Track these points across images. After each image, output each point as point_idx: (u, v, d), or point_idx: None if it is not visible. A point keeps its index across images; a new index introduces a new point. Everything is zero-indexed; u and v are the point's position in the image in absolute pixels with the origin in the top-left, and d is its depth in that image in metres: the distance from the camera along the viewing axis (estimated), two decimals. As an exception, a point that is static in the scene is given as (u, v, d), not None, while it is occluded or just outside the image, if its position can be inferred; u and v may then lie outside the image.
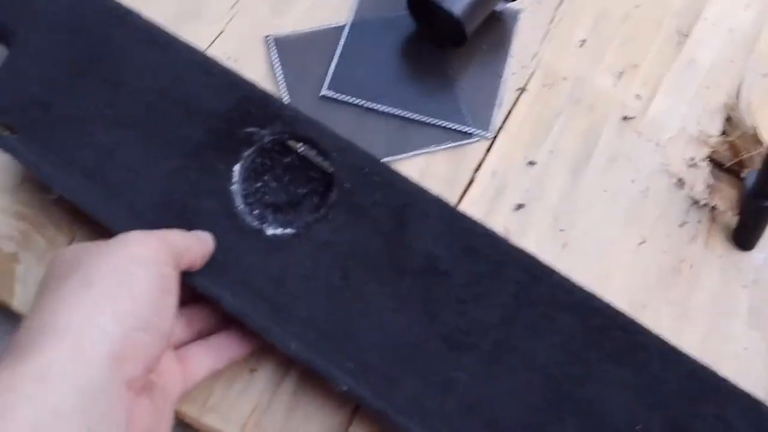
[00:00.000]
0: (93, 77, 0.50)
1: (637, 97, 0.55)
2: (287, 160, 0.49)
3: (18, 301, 0.47)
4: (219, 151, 0.48)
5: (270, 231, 0.47)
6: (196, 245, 0.43)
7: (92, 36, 0.51)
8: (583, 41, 0.57)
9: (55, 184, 0.46)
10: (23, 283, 0.47)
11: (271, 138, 0.48)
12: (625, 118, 0.54)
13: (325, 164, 0.49)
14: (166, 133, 0.49)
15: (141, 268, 0.37)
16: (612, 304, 0.45)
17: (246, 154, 0.48)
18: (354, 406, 0.45)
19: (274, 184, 0.49)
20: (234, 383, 0.45)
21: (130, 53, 0.50)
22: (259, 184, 0.49)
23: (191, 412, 0.44)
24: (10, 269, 0.48)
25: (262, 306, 0.44)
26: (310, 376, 0.45)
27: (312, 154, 0.49)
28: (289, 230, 0.47)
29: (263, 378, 0.46)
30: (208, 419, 0.44)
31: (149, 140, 0.49)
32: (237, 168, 0.48)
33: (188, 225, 0.45)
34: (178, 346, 0.43)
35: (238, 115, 0.48)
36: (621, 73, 0.56)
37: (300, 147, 0.49)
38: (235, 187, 0.47)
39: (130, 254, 0.37)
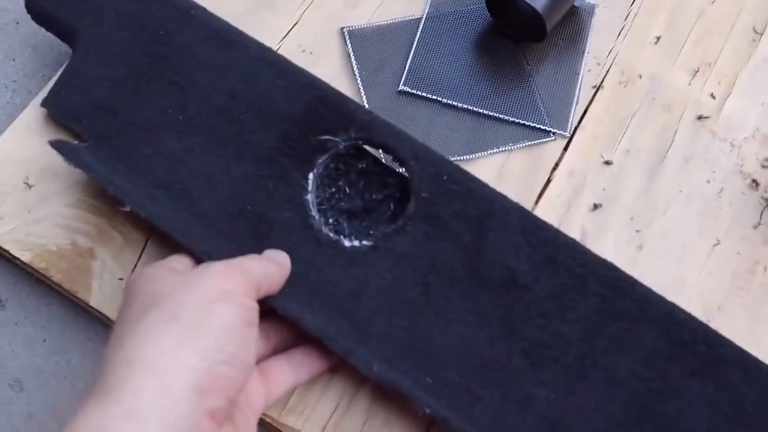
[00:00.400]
0: (159, 79, 0.49)
1: (712, 96, 0.55)
2: (362, 165, 0.48)
3: (95, 299, 0.47)
4: (292, 158, 0.47)
5: (347, 243, 0.46)
6: (274, 272, 0.43)
7: (157, 34, 0.49)
8: (658, 38, 0.56)
9: (127, 199, 0.45)
10: (99, 279, 0.47)
11: (346, 144, 0.47)
12: (699, 118, 0.54)
13: (402, 171, 0.47)
14: (237, 139, 0.47)
15: (224, 303, 0.37)
16: (695, 317, 0.44)
17: (320, 161, 0.47)
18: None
19: (348, 190, 0.48)
20: (314, 385, 0.46)
21: (196, 53, 0.49)
22: (333, 190, 0.48)
23: (271, 412, 0.45)
24: (87, 265, 0.48)
25: (341, 323, 0.44)
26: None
27: (388, 160, 0.48)
28: (366, 242, 0.46)
29: (343, 381, 0.46)
30: (289, 420, 0.45)
31: (221, 147, 0.47)
32: (311, 176, 0.47)
33: (263, 237, 0.45)
34: (258, 361, 0.43)
35: (311, 119, 0.47)
36: (695, 71, 0.56)
37: (376, 153, 0.48)
38: (310, 197, 0.46)
39: (212, 288, 0.37)
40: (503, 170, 0.52)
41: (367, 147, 0.48)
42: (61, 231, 0.48)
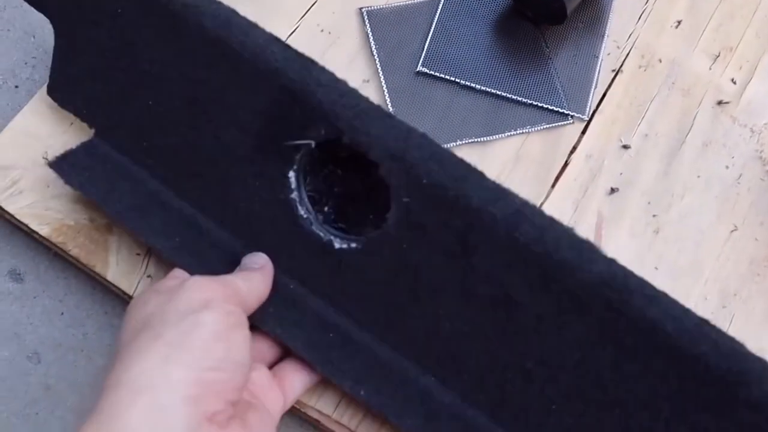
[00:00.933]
0: (133, 69, 0.46)
1: (732, 81, 0.54)
2: (343, 155, 0.44)
3: (112, 273, 0.48)
4: (270, 156, 0.43)
5: (337, 245, 0.43)
6: (257, 279, 0.42)
7: (123, 21, 0.46)
8: (679, 22, 0.56)
9: (120, 220, 0.45)
10: (116, 254, 0.48)
11: (318, 142, 0.42)
12: (719, 103, 0.54)
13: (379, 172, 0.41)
14: (214, 133, 0.44)
15: (205, 311, 0.37)
16: (720, 346, 0.37)
17: (298, 157, 0.43)
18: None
19: (336, 181, 0.46)
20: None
21: (158, 36, 0.45)
22: (320, 180, 0.45)
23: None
24: (104, 240, 0.48)
25: (333, 332, 0.43)
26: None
27: (364, 159, 0.41)
28: (354, 245, 0.43)
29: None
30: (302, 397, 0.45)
31: (201, 142, 0.45)
32: (292, 174, 0.43)
33: (257, 237, 0.44)
34: (272, 365, 0.44)
35: (279, 114, 0.42)
36: (716, 56, 0.55)
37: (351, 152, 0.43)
38: (295, 195, 0.43)
39: (193, 300, 0.38)
40: (520, 153, 0.51)
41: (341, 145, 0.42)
42: (78, 206, 0.49)
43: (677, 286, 0.47)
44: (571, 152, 0.52)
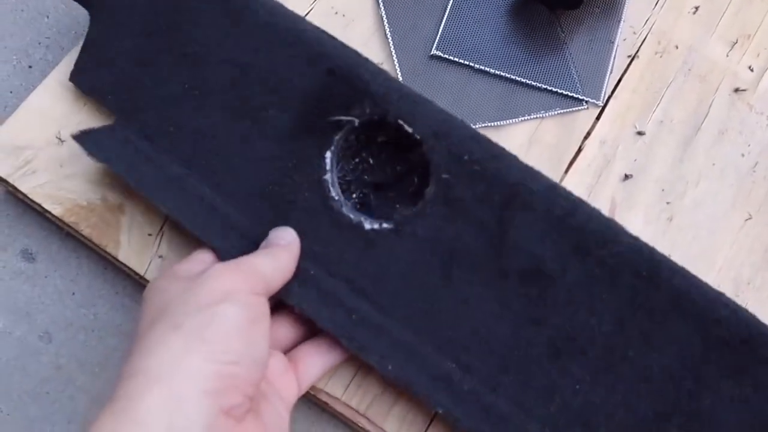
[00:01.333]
0: (174, 51, 0.46)
1: (750, 68, 0.54)
2: (380, 140, 0.46)
3: (123, 253, 0.48)
4: (308, 136, 0.44)
5: (368, 225, 0.43)
6: (283, 259, 0.42)
7: (165, 4, 0.47)
8: (696, 8, 0.55)
9: (147, 193, 0.45)
10: (128, 234, 0.48)
11: (361, 121, 0.44)
12: (736, 90, 0.53)
13: (421, 149, 0.44)
14: (253, 115, 0.45)
15: (227, 304, 0.36)
16: (738, 312, 0.41)
17: (337, 137, 0.44)
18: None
19: (372, 162, 0.46)
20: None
21: (205, 21, 0.46)
22: (356, 161, 0.46)
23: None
24: (116, 220, 0.48)
25: (363, 308, 0.43)
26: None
27: (406, 137, 0.44)
28: (386, 225, 0.43)
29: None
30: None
31: (237, 123, 0.45)
32: (329, 155, 0.44)
33: (285, 218, 0.44)
34: (287, 350, 0.43)
35: (324, 94, 0.44)
36: (734, 43, 0.54)
37: (393, 130, 0.45)
38: (329, 176, 0.44)
39: (214, 291, 0.37)
40: (534, 138, 0.51)
41: (383, 124, 0.45)
42: (91, 186, 0.49)
43: (690, 274, 0.47)
44: (585, 138, 0.51)
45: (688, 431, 0.41)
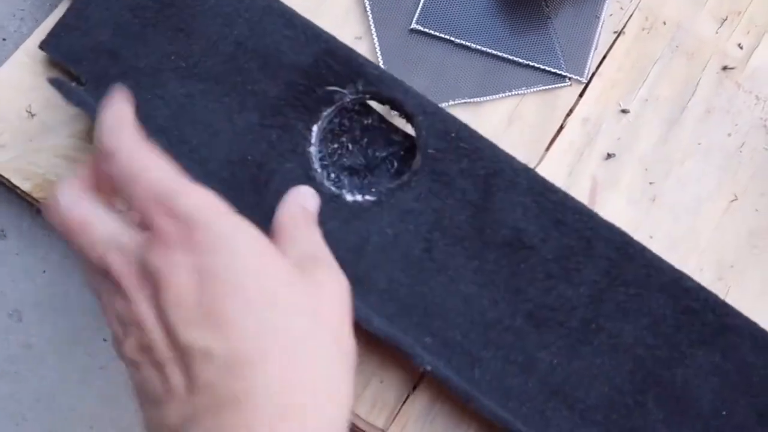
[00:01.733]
0: (165, 25, 0.48)
1: (739, 46, 0.52)
2: (368, 121, 0.47)
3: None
4: (297, 109, 0.46)
5: (350, 197, 0.45)
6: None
7: None
8: (686, -18, 0.54)
9: None
10: (99, 209, 0.47)
11: (353, 98, 0.46)
12: (725, 68, 0.52)
13: (408, 127, 0.46)
14: (242, 87, 0.47)
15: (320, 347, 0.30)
16: (704, 286, 0.44)
17: (325, 113, 0.46)
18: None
19: (351, 146, 0.47)
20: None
21: (201, 2, 0.48)
22: (335, 146, 0.47)
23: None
24: (88, 194, 0.47)
25: None
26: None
27: (395, 116, 0.47)
28: (369, 197, 0.45)
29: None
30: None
31: (224, 95, 0.47)
32: (315, 128, 0.46)
33: (263, 187, 0.45)
34: None
35: (318, 71, 0.46)
36: (723, 19, 0.53)
37: (382, 110, 0.47)
38: (313, 149, 0.46)
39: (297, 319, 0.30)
40: (515, 114, 0.50)
41: (372, 103, 0.47)
42: (61, 161, 0.48)
43: (672, 256, 0.45)
44: (568, 115, 0.50)
45: (664, 400, 0.42)
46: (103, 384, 0.47)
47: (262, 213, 0.44)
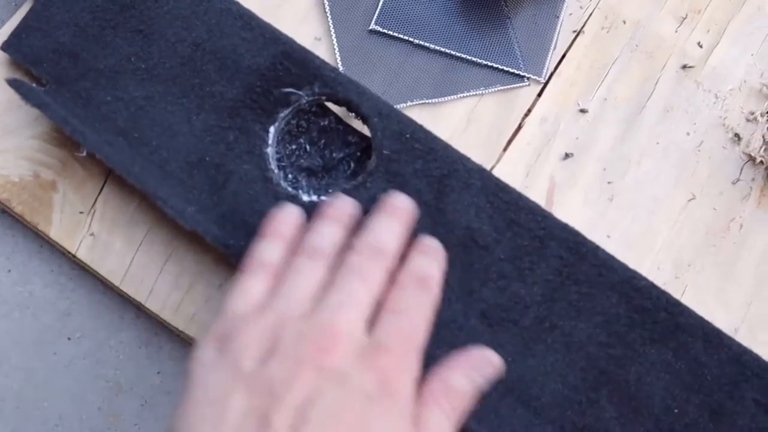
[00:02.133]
0: (124, 27, 0.48)
1: (699, 44, 0.53)
2: (324, 123, 0.47)
3: (55, 232, 0.47)
4: (254, 111, 0.46)
5: (306, 198, 0.45)
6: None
7: None
8: (647, -19, 0.54)
9: (84, 141, 0.45)
10: (60, 212, 0.47)
11: (309, 99, 0.46)
12: (684, 67, 0.52)
13: (365, 129, 0.46)
14: (200, 89, 0.47)
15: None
16: (656, 285, 0.44)
17: (282, 115, 0.46)
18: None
19: (309, 148, 0.47)
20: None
21: (162, 2, 0.48)
22: (293, 147, 0.47)
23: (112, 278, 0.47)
24: (48, 198, 0.48)
25: None
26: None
27: (352, 117, 0.47)
28: (325, 197, 0.45)
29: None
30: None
31: (182, 96, 0.47)
32: (272, 130, 0.46)
33: (221, 188, 0.45)
34: None
35: (275, 72, 0.46)
36: (683, 18, 0.53)
37: (339, 111, 0.47)
38: (270, 150, 0.46)
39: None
40: (473, 115, 0.50)
41: (329, 105, 0.47)
42: (24, 162, 0.48)
43: (630, 256, 0.46)
44: (526, 115, 0.50)
45: (617, 397, 0.43)
46: (69, 382, 0.48)
47: (219, 213, 0.45)
